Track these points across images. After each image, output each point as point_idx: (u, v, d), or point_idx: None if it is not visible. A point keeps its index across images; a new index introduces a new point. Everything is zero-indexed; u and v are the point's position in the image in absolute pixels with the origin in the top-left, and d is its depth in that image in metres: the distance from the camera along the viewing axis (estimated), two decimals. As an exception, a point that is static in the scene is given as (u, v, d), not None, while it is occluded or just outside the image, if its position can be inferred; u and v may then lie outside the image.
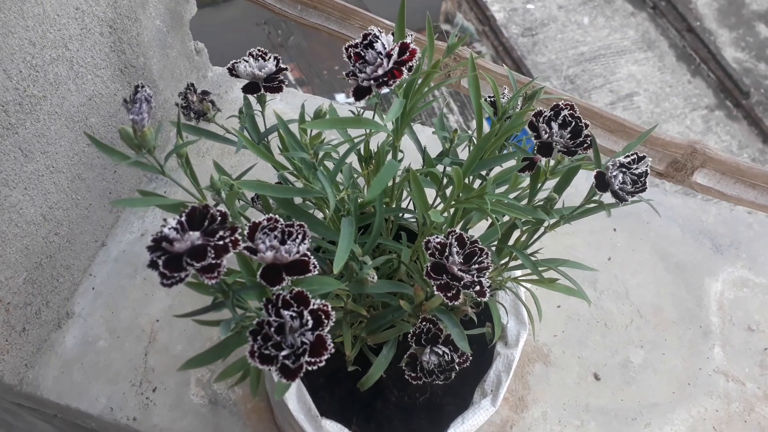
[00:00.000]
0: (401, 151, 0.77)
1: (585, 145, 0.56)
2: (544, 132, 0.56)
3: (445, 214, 0.65)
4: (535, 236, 0.70)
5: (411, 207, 0.79)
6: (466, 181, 0.67)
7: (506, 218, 0.73)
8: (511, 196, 0.69)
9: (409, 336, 0.60)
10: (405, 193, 0.81)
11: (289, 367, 0.47)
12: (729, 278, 1.16)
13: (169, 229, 0.46)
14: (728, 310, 1.13)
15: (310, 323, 0.47)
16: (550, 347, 1.08)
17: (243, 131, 0.67)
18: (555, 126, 0.56)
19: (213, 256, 0.46)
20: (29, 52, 0.83)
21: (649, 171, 0.54)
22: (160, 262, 0.45)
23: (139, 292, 1.10)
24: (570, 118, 0.56)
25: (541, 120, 0.57)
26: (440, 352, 0.59)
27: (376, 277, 0.60)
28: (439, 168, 0.67)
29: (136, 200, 0.56)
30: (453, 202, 0.62)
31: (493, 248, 0.74)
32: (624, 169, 0.55)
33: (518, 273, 0.79)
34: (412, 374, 0.60)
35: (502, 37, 5.65)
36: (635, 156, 0.55)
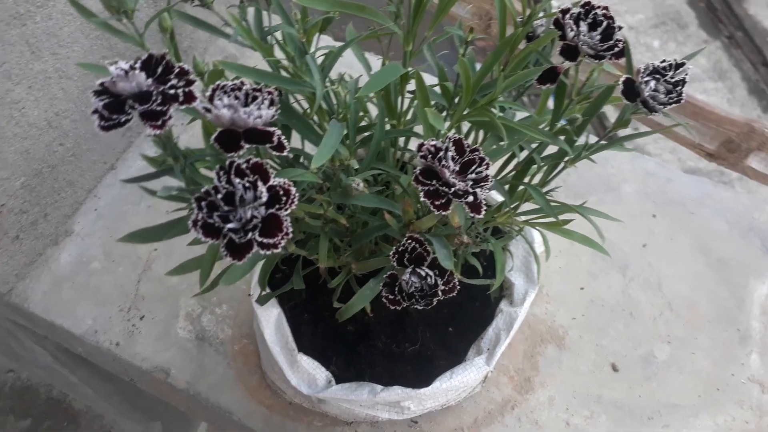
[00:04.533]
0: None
1: (616, 49, 0.48)
2: (570, 30, 0.49)
3: (453, 132, 0.58)
4: (554, 173, 0.62)
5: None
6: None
7: (524, 154, 0.65)
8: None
9: (391, 254, 0.53)
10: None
11: (235, 243, 0.41)
12: (777, 282, 1.05)
13: (116, 68, 0.40)
14: (772, 316, 1.01)
15: (264, 197, 0.41)
16: (566, 330, 0.99)
17: (242, 22, 0.61)
18: (584, 26, 0.48)
19: (159, 102, 0.40)
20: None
21: (687, 80, 0.46)
22: (101, 104, 0.40)
23: (141, 219, 1.06)
24: (602, 18, 0.48)
25: (568, 17, 0.49)
26: (423, 274, 0.52)
27: (362, 186, 0.54)
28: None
29: (102, 67, 0.51)
30: (464, 113, 0.54)
31: (506, 187, 0.66)
32: (658, 76, 0.47)
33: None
34: (389, 296, 0.52)
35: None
36: (673, 62, 0.47)
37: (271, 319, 0.71)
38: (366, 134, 0.67)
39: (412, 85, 0.70)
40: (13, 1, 0.78)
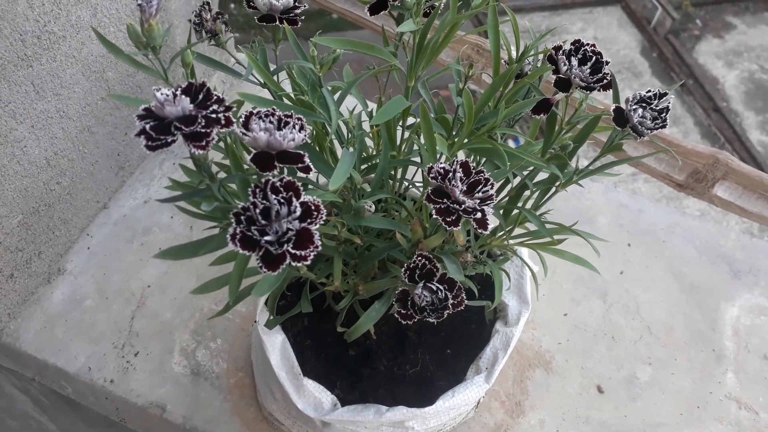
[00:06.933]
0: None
1: (604, 81, 0.54)
2: (563, 64, 0.54)
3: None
4: (546, 197, 0.67)
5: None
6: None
7: (517, 180, 0.70)
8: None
9: (402, 271, 0.56)
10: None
11: (271, 254, 0.44)
12: (746, 304, 1.11)
13: (162, 94, 0.44)
14: (744, 337, 1.07)
15: (299, 212, 0.44)
16: (552, 354, 1.03)
17: (255, 58, 0.65)
18: (575, 61, 0.54)
19: (203, 125, 0.43)
20: (55, -12, 0.83)
21: (670, 108, 0.52)
22: (148, 126, 0.43)
23: (134, 256, 1.07)
24: (591, 54, 0.54)
25: (560, 53, 0.55)
26: (434, 288, 0.55)
27: (373, 207, 0.57)
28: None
29: (134, 99, 0.54)
30: (465, 141, 0.59)
31: (501, 212, 0.71)
32: (644, 104, 0.52)
33: (524, 251, 0.75)
34: (402, 311, 0.56)
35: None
36: (657, 92, 0.53)
37: (276, 345, 0.73)
38: (368, 164, 0.72)
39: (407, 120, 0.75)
40: (22, 42, 0.81)
